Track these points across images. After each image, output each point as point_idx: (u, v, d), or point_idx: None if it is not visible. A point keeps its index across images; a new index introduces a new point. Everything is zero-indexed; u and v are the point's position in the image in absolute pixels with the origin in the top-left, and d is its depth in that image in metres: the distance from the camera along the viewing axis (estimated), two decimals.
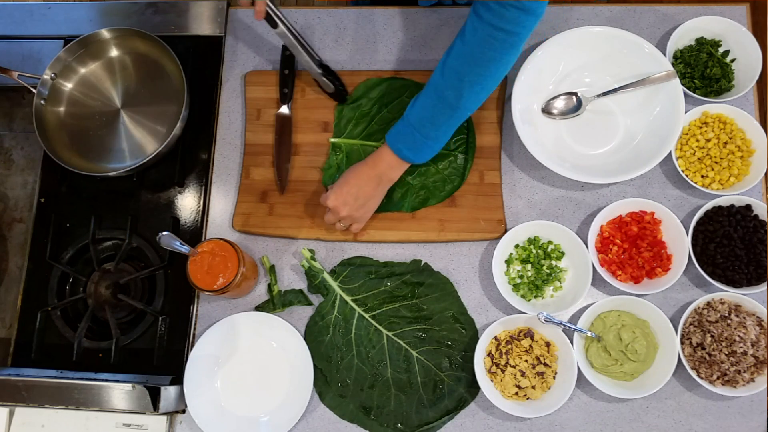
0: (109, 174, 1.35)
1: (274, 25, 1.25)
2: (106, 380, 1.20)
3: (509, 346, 1.25)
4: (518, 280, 1.31)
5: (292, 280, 1.35)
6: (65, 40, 1.48)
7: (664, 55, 1.36)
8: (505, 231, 1.33)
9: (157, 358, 1.32)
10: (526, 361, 1.24)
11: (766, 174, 1.32)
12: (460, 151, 1.36)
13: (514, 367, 1.24)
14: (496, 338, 1.27)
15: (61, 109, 1.43)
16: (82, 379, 1.21)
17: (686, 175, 1.33)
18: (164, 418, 1.27)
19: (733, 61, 1.40)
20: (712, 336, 1.22)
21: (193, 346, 1.31)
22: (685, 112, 1.33)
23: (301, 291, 1.33)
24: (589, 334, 1.24)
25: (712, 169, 1.33)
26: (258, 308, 1.33)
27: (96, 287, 1.34)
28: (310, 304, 1.33)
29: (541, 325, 1.26)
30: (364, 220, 1.30)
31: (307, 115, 1.42)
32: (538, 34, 1.44)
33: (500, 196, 1.35)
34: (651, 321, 1.26)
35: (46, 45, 1.50)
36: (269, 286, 1.34)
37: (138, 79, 1.45)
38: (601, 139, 1.39)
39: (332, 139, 1.39)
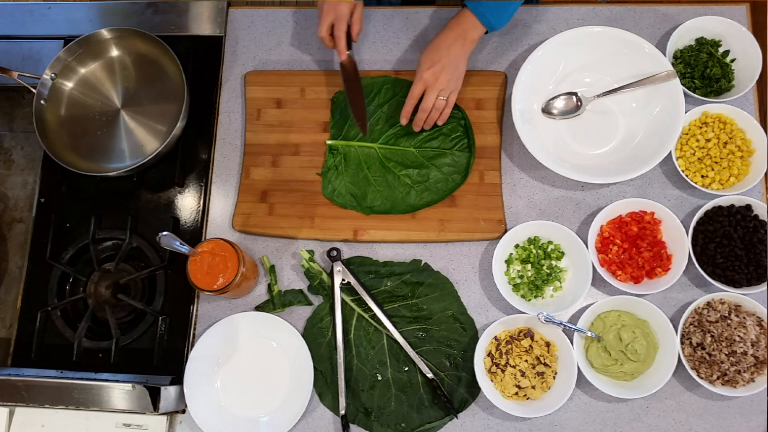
0: (109, 174, 1.36)
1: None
2: (106, 380, 1.20)
3: (509, 346, 1.25)
4: (518, 280, 1.31)
5: (292, 280, 1.35)
6: (65, 40, 1.48)
7: (664, 55, 1.36)
8: (505, 231, 1.33)
9: (157, 358, 1.32)
10: (526, 361, 1.24)
11: (766, 174, 1.32)
12: (458, 149, 1.36)
13: (514, 367, 1.24)
14: (496, 338, 1.27)
15: (61, 109, 1.43)
16: (82, 379, 1.21)
17: (686, 175, 1.33)
18: (164, 418, 1.27)
19: (733, 61, 1.40)
20: (712, 336, 1.22)
21: (193, 346, 1.31)
22: (685, 112, 1.33)
23: (301, 291, 1.33)
24: (589, 334, 1.24)
25: (712, 169, 1.33)
26: (258, 308, 1.33)
27: (96, 287, 1.34)
28: (310, 304, 1.33)
29: (541, 325, 1.26)
30: (457, 88, 1.31)
31: (307, 115, 1.42)
32: (538, 34, 1.44)
33: (500, 196, 1.35)
34: (651, 321, 1.26)
35: (46, 45, 1.50)
36: (269, 286, 1.34)
37: (138, 79, 1.44)
38: (601, 139, 1.39)
39: (329, 142, 1.39)
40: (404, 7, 1.49)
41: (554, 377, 1.25)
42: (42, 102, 1.40)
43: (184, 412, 1.29)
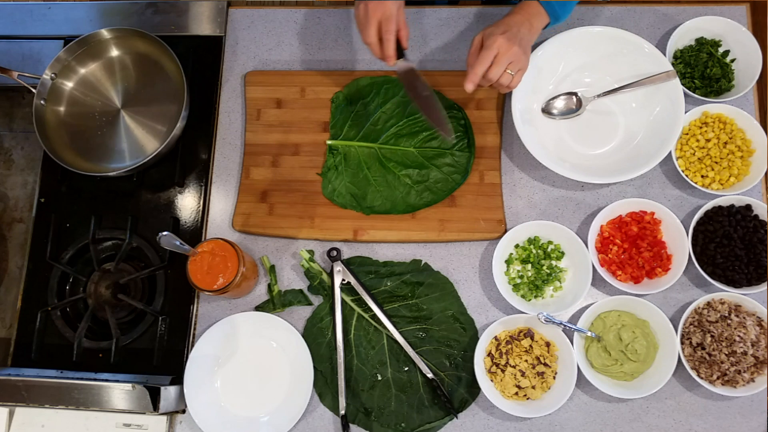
0: (109, 174, 1.36)
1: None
2: (106, 380, 1.20)
3: (509, 346, 1.25)
4: (518, 280, 1.31)
5: (292, 280, 1.35)
6: (65, 40, 1.48)
7: (664, 55, 1.36)
8: (505, 231, 1.33)
9: (157, 358, 1.32)
10: (526, 361, 1.24)
11: (766, 174, 1.32)
12: (458, 149, 1.36)
13: (514, 367, 1.24)
14: (496, 338, 1.27)
15: (61, 109, 1.43)
16: (82, 379, 1.21)
17: (686, 175, 1.33)
18: (164, 418, 1.27)
19: (733, 61, 1.40)
20: (712, 336, 1.22)
21: (193, 346, 1.31)
22: (685, 112, 1.33)
23: (301, 291, 1.33)
24: (589, 334, 1.24)
25: (712, 169, 1.33)
26: (258, 308, 1.33)
27: (96, 287, 1.34)
28: (310, 304, 1.33)
29: (541, 325, 1.26)
30: (524, 68, 1.23)
31: (307, 115, 1.42)
32: (539, 34, 1.44)
33: (500, 196, 1.35)
34: (651, 321, 1.26)
35: (46, 45, 1.50)
36: (269, 286, 1.34)
37: (138, 79, 1.45)
38: (601, 139, 1.39)
39: (329, 142, 1.39)
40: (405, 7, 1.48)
41: (554, 377, 1.25)
42: (42, 102, 1.40)
43: (184, 412, 1.29)
